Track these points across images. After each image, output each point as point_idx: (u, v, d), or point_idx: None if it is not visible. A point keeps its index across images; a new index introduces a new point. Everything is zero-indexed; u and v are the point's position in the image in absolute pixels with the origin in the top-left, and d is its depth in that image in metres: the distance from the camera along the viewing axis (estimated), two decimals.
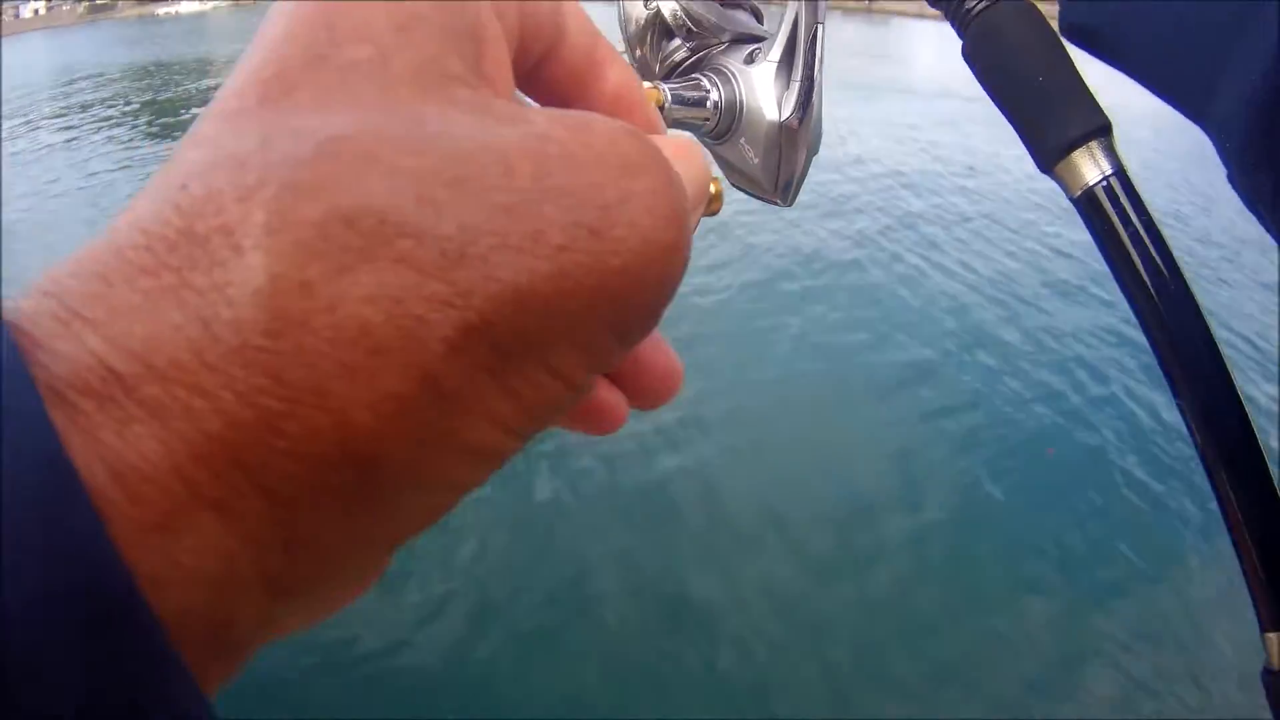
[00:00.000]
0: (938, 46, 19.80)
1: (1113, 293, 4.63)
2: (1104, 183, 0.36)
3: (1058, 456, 3.31)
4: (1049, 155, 0.36)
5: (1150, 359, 0.39)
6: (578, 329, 0.14)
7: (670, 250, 0.15)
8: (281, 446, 0.12)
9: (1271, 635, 0.42)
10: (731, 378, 3.75)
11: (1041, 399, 3.67)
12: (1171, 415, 3.46)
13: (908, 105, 10.52)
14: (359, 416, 0.13)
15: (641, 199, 0.15)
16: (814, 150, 0.33)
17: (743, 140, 0.32)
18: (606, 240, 0.14)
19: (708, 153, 0.33)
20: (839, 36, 17.66)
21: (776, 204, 0.34)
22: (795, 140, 0.32)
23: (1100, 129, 0.36)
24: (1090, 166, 0.36)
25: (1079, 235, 5.48)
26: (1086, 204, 0.36)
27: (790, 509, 2.95)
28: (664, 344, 0.20)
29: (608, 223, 0.14)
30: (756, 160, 0.32)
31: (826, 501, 3.01)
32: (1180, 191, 6.46)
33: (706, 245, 5.18)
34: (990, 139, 8.29)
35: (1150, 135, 7.71)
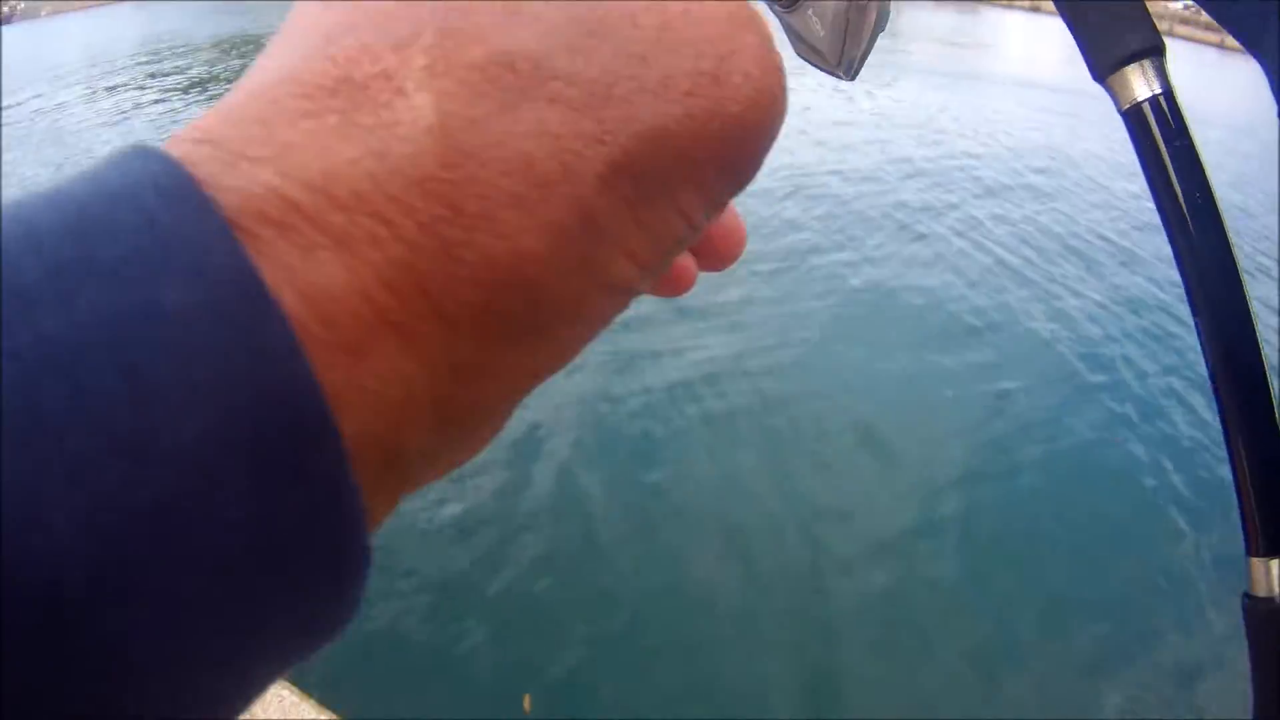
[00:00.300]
0: (1025, 37, 19.03)
1: (1157, 286, 4.53)
2: (1152, 100, 0.37)
3: (1069, 443, 3.25)
4: (1104, 66, 0.37)
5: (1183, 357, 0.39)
6: (701, 170, 0.15)
7: (776, 100, 0.15)
8: (461, 273, 0.13)
9: (1256, 561, 0.43)
10: (771, 342, 3.75)
11: (1077, 390, 3.61)
12: (1203, 418, 3.39)
13: (989, 92, 10.18)
14: (529, 244, 0.13)
15: (751, 51, 0.15)
16: (881, 28, 0.33)
17: (810, 11, 0.33)
18: (726, 88, 0.15)
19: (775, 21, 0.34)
20: (928, 23, 17.07)
21: (839, 77, 0.35)
22: (863, 16, 0.33)
23: (1155, 49, 0.37)
24: (1141, 83, 0.37)
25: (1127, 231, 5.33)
26: (1134, 118, 0.37)
27: (803, 468, 2.97)
28: (730, 206, 0.21)
29: (726, 71, 0.15)
30: (823, 33, 0.33)
31: (846, 465, 3.02)
32: (1247, 189, 6.23)
33: (769, 214, 5.13)
34: (1067, 130, 8.01)
35: (1224, 134, 7.38)
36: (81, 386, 0.10)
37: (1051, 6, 0.40)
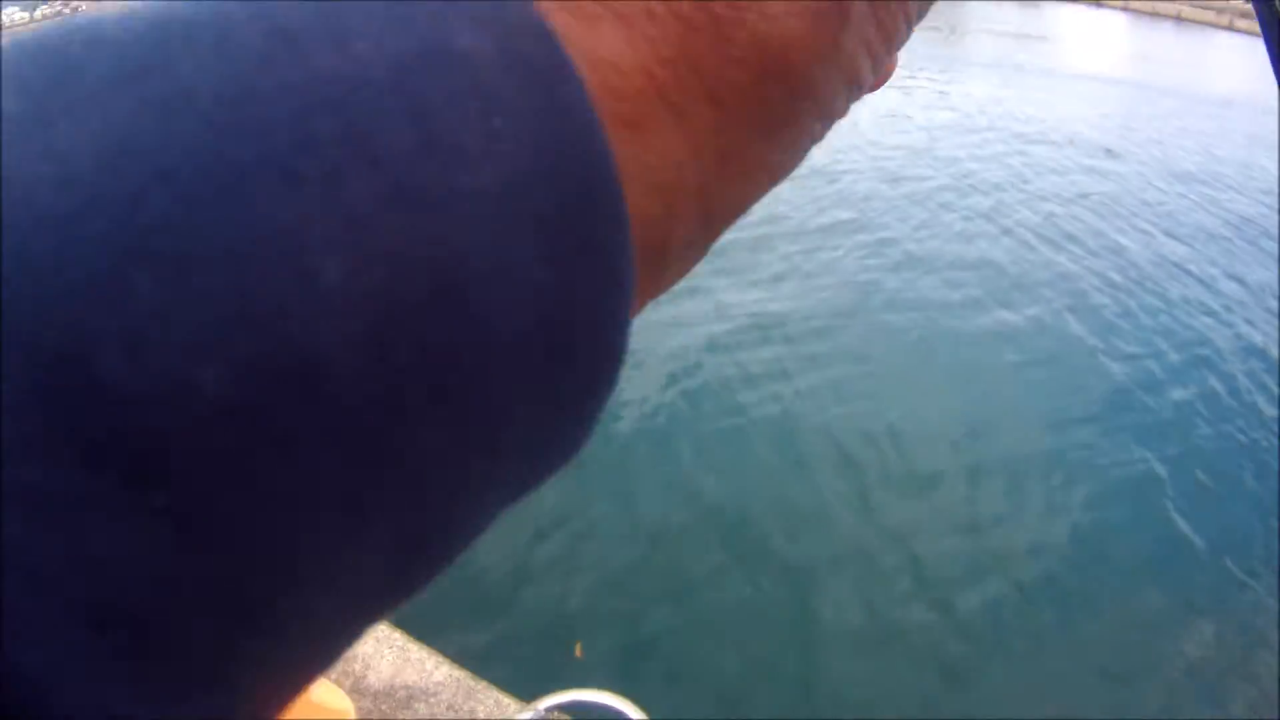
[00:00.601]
0: (1086, 30, 18.53)
1: (1201, 274, 4.46)
2: None
3: (1077, 414, 3.26)
4: None
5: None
6: None
7: None
8: (732, 54, 0.12)
9: None
10: (828, 318, 3.80)
11: (1091, 366, 3.61)
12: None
13: (1043, 85, 9.97)
14: (795, 27, 0.12)
15: None
16: None
17: None
18: None
19: None
20: (993, 18, 16.74)
21: None
22: None
23: None
24: None
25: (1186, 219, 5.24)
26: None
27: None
28: None
29: None
30: None
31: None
32: None
33: (823, 204, 5.14)
34: (1121, 122, 7.83)
35: None
36: (361, 127, 0.09)
37: (1114, 1, 0.42)
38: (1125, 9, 25.01)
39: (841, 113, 0.15)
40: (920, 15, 0.16)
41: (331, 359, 0.08)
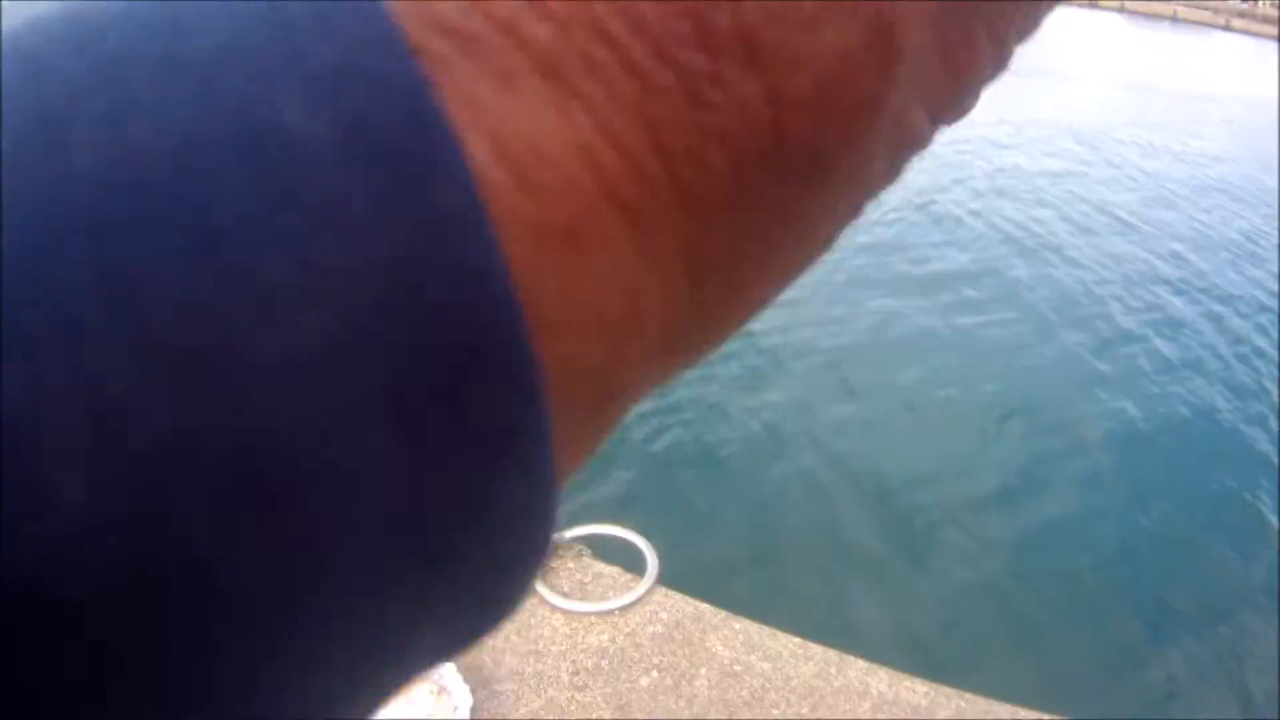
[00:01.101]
0: (1080, 32, 18.78)
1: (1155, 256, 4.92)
2: None
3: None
4: None
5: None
6: None
7: None
8: (708, 124, 0.08)
9: None
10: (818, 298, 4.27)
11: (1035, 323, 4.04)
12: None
13: (1028, 87, 10.35)
14: (798, 84, 0.08)
15: None
16: None
17: None
18: None
19: None
20: None
21: None
22: None
23: None
24: None
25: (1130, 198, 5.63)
26: None
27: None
28: None
29: None
30: None
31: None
32: None
33: None
34: (1094, 121, 8.18)
35: None
36: (119, 265, 0.06)
37: (1109, 2, 0.55)
38: (1121, 10, 25.21)
39: (885, 181, 0.10)
40: (1028, 25, 0.11)
41: (78, 603, 0.06)
